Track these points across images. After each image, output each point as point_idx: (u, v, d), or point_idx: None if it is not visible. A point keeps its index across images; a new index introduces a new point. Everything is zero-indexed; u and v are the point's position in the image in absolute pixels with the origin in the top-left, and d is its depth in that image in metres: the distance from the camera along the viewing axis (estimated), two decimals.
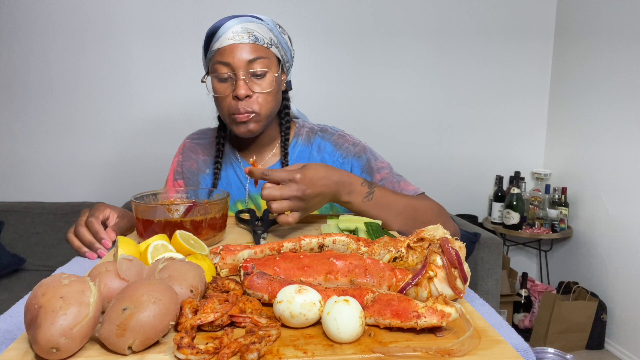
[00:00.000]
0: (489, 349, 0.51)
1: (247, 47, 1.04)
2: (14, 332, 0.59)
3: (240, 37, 1.04)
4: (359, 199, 0.95)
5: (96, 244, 0.87)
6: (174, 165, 1.28)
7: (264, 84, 1.06)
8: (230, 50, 1.03)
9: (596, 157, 2.59)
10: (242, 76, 1.03)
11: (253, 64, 1.04)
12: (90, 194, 2.68)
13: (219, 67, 1.05)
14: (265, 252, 0.71)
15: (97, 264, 0.60)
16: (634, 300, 2.35)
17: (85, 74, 2.59)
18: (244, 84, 1.03)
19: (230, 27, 1.04)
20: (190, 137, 1.30)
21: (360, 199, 0.95)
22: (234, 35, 1.04)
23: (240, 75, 1.03)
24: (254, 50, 1.04)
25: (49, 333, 0.46)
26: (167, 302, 0.50)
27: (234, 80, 1.04)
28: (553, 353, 1.17)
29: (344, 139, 1.19)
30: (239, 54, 1.03)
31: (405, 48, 2.78)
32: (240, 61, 1.03)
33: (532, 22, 2.84)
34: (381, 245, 0.69)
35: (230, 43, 1.03)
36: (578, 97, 2.70)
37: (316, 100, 2.73)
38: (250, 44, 1.04)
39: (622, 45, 2.39)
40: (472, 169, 2.94)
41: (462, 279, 0.59)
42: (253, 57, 1.04)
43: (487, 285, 2.27)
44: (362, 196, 0.95)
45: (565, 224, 2.70)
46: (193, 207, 0.84)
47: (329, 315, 0.51)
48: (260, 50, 1.05)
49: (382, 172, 1.13)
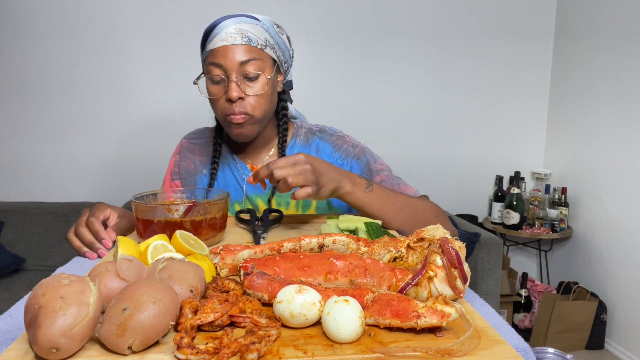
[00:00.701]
0: (489, 349, 0.51)
1: (239, 48, 1.02)
2: (14, 332, 0.59)
3: (233, 38, 1.02)
4: (361, 188, 0.96)
5: (96, 244, 0.87)
6: (171, 165, 1.27)
7: (257, 86, 1.05)
8: (223, 51, 1.02)
9: (596, 157, 2.59)
10: (234, 78, 1.02)
11: (245, 66, 1.02)
12: (90, 194, 2.68)
13: (211, 68, 1.04)
14: (265, 252, 0.71)
15: (97, 264, 0.60)
16: (634, 300, 2.35)
17: (85, 74, 2.59)
18: (235, 87, 1.02)
19: (225, 28, 1.03)
20: (188, 137, 1.29)
21: (362, 189, 0.96)
22: (227, 36, 1.02)
23: (233, 77, 1.02)
24: (247, 52, 1.03)
25: (49, 333, 0.46)
26: (167, 302, 0.50)
27: (226, 82, 1.03)
28: (553, 353, 1.17)
29: (343, 140, 1.18)
30: (232, 55, 1.02)
31: (405, 48, 2.77)
32: (233, 63, 1.02)
33: (532, 22, 2.84)
34: (381, 245, 0.69)
35: (222, 44, 1.02)
36: (578, 97, 2.70)
37: (316, 100, 2.73)
38: (243, 45, 1.02)
39: (622, 45, 2.39)
40: (472, 169, 2.94)
41: (462, 279, 0.59)
42: (245, 59, 1.02)
43: (487, 285, 2.27)
44: (363, 187, 0.96)
45: (565, 224, 2.70)
46: (193, 207, 0.84)
47: (329, 315, 0.51)
48: (253, 51, 1.03)
49: (381, 174, 1.13)
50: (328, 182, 0.91)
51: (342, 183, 0.94)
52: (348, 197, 0.96)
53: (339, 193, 0.95)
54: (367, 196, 0.96)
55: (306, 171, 0.87)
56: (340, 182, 0.94)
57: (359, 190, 0.96)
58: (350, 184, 0.95)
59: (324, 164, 0.92)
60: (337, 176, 0.93)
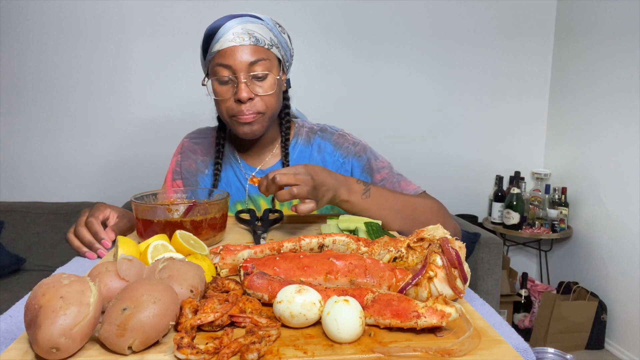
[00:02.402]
0: (489, 349, 0.51)
1: (248, 49, 1.02)
2: (14, 332, 0.59)
3: (240, 38, 1.01)
4: (358, 196, 0.96)
5: (96, 244, 0.87)
6: (172, 165, 1.26)
7: (266, 85, 1.05)
8: (231, 52, 1.01)
9: (596, 157, 2.59)
10: (244, 79, 1.02)
11: (254, 67, 1.02)
12: (90, 194, 2.68)
13: (219, 69, 1.03)
14: (265, 252, 0.71)
15: (97, 264, 0.60)
16: (634, 300, 2.35)
17: (85, 74, 2.59)
18: (245, 87, 1.02)
19: (231, 28, 1.02)
20: (189, 136, 1.28)
21: (359, 196, 0.96)
22: (234, 36, 1.01)
23: (242, 78, 1.01)
24: (255, 52, 1.02)
25: (49, 333, 0.46)
26: (167, 302, 0.50)
27: (235, 83, 1.03)
28: (553, 353, 1.17)
29: (344, 138, 1.18)
30: (240, 56, 1.01)
31: (405, 48, 2.77)
32: (242, 64, 1.01)
33: (532, 22, 2.84)
34: (381, 245, 0.69)
35: (230, 45, 1.01)
36: (578, 97, 2.70)
37: (316, 100, 2.73)
38: (251, 45, 1.02)
39: (622, 45, 2.39)
40: (472, 169, 2.94)
41: (462, 279, 0.59)
42: (254, 59, 1.02)
43: (487, 285, 2.27)
44: (360, 193, 0.96)
45: (565, 224, 2.70)
46: (193, 207, 0.84)
47: (329, 315, 0.51)
48: (261, 52, 1.03)
49: (382, 172, 1.13)
50: (325, 193, 0.91)
51: (339, 192, 0.94)
52: (345, 205, 0.96)
53: (335, 202, 0.95)
54: (365, 202, 0.96)
55: (306, 182, 0.87)
56: (337, 191, 0.93)
57: (356, 198, 0.95)
58: (347, 192, 0.94)
59: (323, 174, 0.91)
60: (335, 184, 0.93)
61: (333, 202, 0.95)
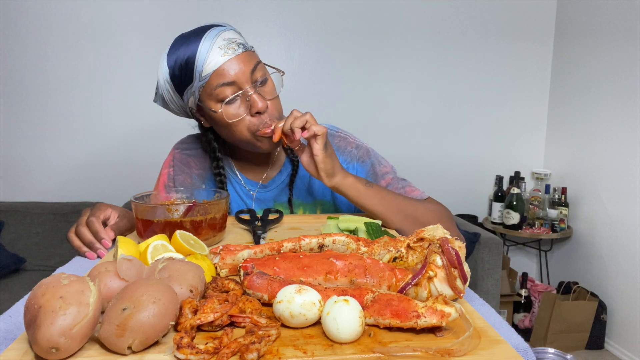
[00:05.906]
0: (489, 349, 0.51)
1: (242, 57, 0.95)
2: (14, 332, 0.59)
3: (231, 50, 0.94)
4: (362, 182, 0.99)
5: (96, 244, 0.87)
6: (164, 178, 1.16)
7: (270, 89, 1.00)
8: (229, 66, 0.94)
9: (596, 157, 2.59)
10: (251, 90, 0.95)
11: (255, 74, 0.97)
12: (90, 194, 2.68)
13: (222, 90, 0.95)
14: (265, 252, 0.71)
15: (97, 264, 0.60)
16: (634, 300, 2.35)
17: (85, 74, 2.59)
18: (258, 97, 0.96)
19: (212, 45, 0.94)
20: (180, 147, 1.19)
21: (363, 182, 0.99)
22: (222, 50, 0.94)
23: (249, 90, 0.95)
24: (250, 58, 0.97)
25: (48, 333, 0.46)
26: (166, 302, 0.50)
27: (245, 97, 0.96)
28: (553, 353, 1.16)
29: (346, 141, 1.15)
30: (239, 67, 0.94)
31: (405, 48, 2.77)
32: (244, 74, 0.95)
33: (532, 22, 2.84)
34: (381, 245, 0.69)
35: (225, 59, 0.93)
36: (578, 97, 2.70)
37: (316, 100, 2.73)
38: (243, 53, 0.96)
39: (622, 45, 2.39)
40: (472, 169, 2.94)
41: (462, 279, 0.59)
42: (253, 66, 0.96)
43: (487, 285, 2.27)
44: (364, 182, 0.99)
45: (565, 224, 2.70)
46: (193, 207, 0.84)
47: (328, 315, 0.51)
48: (253, 56, 0.98)
49: (386, 177, 1.10)
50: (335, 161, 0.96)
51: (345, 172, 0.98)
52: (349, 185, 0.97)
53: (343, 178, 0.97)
54: (368, 190, 0.98)
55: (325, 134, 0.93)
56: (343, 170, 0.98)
57: (360, 184, 0.98)
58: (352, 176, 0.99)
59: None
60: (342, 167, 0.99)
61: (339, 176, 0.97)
